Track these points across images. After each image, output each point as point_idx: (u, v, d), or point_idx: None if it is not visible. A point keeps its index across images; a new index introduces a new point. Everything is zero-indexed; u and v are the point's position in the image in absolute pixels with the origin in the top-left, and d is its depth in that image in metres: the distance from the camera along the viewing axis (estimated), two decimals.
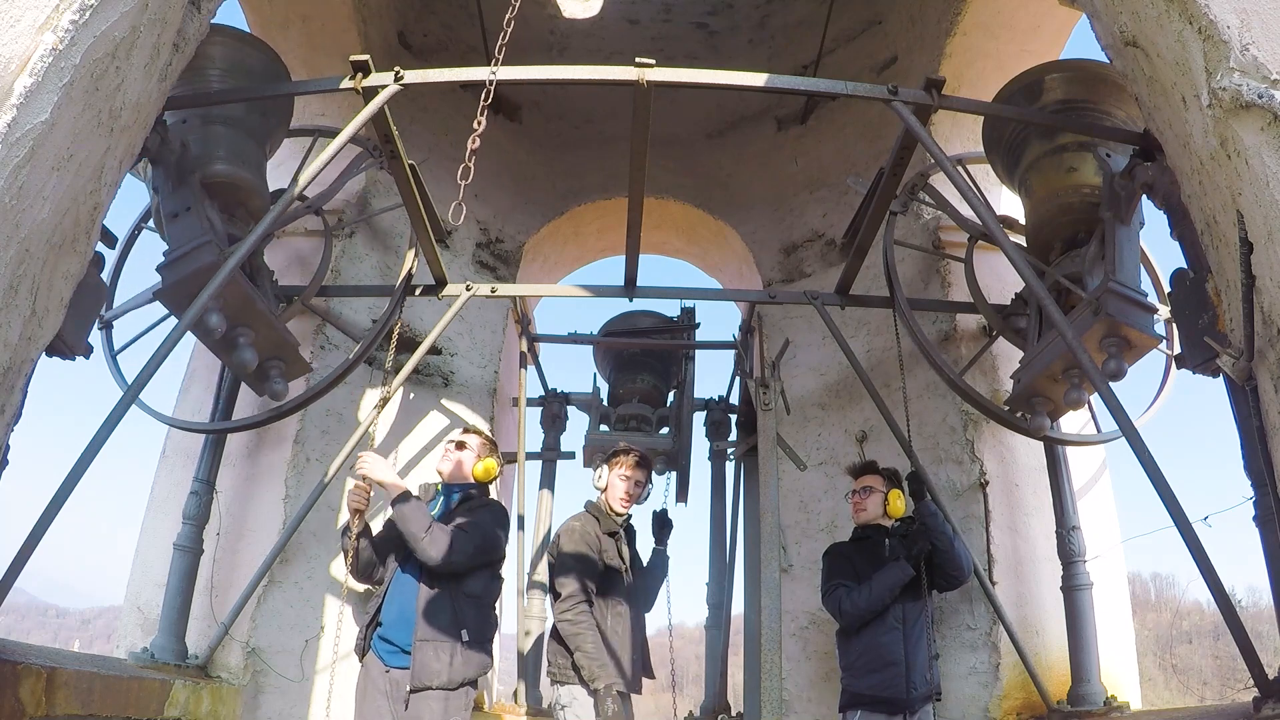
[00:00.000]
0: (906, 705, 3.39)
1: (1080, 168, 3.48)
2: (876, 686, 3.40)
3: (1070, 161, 3.52)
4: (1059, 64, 3.70)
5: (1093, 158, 3.35)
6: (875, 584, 3.49)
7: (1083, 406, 3.53)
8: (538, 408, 5.84)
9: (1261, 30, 1.60)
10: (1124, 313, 3.09)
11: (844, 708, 3.53)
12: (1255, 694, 2.06)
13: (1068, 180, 3.52)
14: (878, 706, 3.40)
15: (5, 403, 1.78)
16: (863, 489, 3.75)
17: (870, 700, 3.40)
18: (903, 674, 3.40)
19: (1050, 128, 3.55)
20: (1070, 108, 3.50)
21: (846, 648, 3.56)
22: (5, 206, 1.59)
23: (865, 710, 3.41)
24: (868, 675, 3.42)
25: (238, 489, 4.12)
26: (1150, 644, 32.39)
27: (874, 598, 3.46)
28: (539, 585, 5.25)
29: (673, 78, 3.16)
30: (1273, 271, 1.65)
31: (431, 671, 3.13)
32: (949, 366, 3.90)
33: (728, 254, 6.26)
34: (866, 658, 3.45)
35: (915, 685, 3.41)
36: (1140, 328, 3.12)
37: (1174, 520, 2.34)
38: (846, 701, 3.51)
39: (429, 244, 3.98)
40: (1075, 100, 3.50)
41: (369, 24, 4.93)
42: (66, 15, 1.65)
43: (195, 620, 3.71)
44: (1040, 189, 3.65)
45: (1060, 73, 3.57)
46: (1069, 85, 3.52)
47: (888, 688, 3.38)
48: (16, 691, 2.21)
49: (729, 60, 5.95)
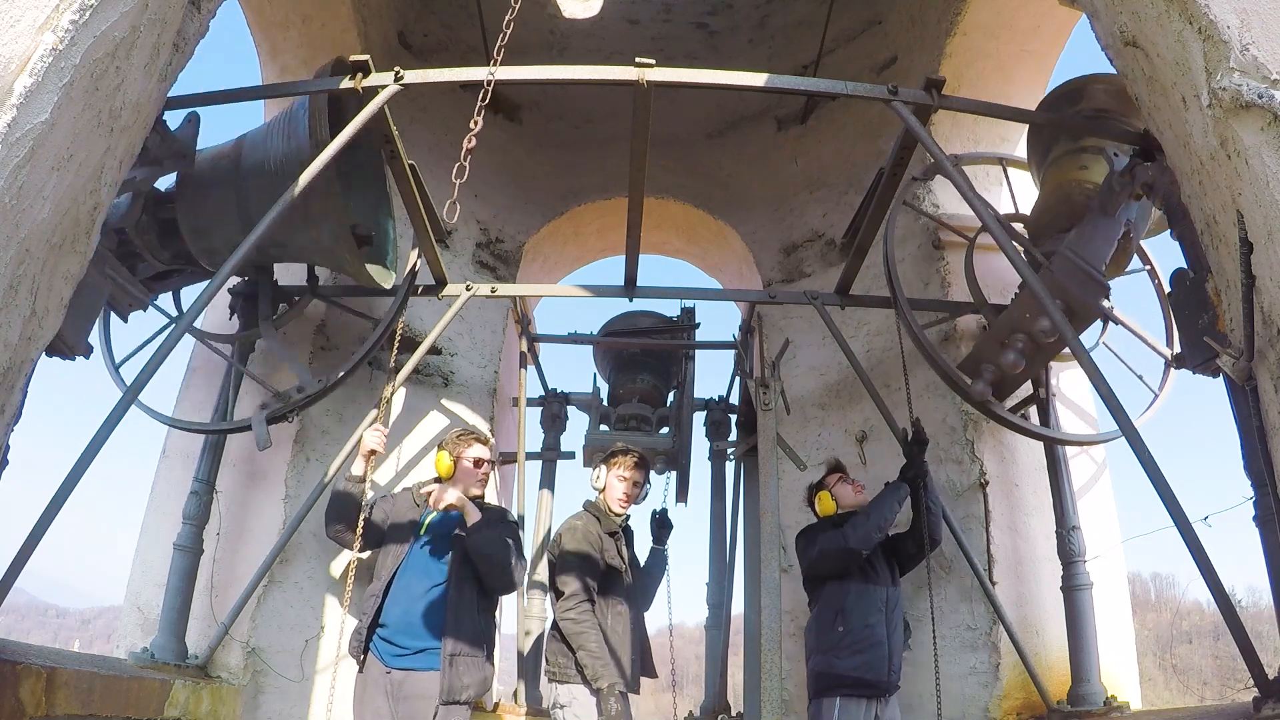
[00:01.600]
0: (885, 688, 3.42)
1: (1091, 167, 3.62)
2: (861, 667, 3.40)
3: (1084, 161, 3.67)
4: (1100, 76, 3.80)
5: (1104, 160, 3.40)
6: (872, 506, 3.60)
7: (1019, 371, 3.61)
8: (538, 408, 5.83)
9: (1261, 30, 1.60)
10: (1070, 275, 3.27)
11: (821, 692, 3.49)
12: (1255, 694, 2.06)
13: (1075, 175, 3.67)
14: (859, 689, 3.40)
15: (5, 403, 1.78)
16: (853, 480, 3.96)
17: (853, 682, 3.40)
18: (885, 656, 3.44)
19: (1076, 131, 3.69)
20: (1103, 116, 3.62)
21: (827, 629, 3.53)
22: (5, 206, 1.59)
23: (845, 695, 3.41)
24: (854, 655, 3.43)
25: (238, 489, 4.12)
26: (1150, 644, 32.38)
27: (874, 515, 3.54)
28: (539, 585, 5.25)
29: (673, 78, 3.16)
30: (1273, 271, 1.65)
31: (461, 685, 3.16)
32: (946, 363, 3.90)
33: (728, 254, 6.26)
34: (853, 637, 3.45)
35: (893, 669, 3.46)
36: (1081, 294, 3.28)
37: (1174, 520, 2.34)
38: (824, 685, 3.47)
39: (429, 244, 3.98)
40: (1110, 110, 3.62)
41: (369, 24, 4.93)
42: (66, 15, 1.65)
43: (195, 620, 3.71)
44: (1051, 181, 3.83)
45: (1102, 84, 3.70)
46: (1108, 95, 3.64)
47: (871, 669, 3.40)
48: (16, 691, 2.21)
49: (729, 60, 5.95)
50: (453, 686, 3.14)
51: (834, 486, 3.89)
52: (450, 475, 3.55)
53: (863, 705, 3.41)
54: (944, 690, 3.54)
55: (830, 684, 3.45)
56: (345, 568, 3.74)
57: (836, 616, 3.52)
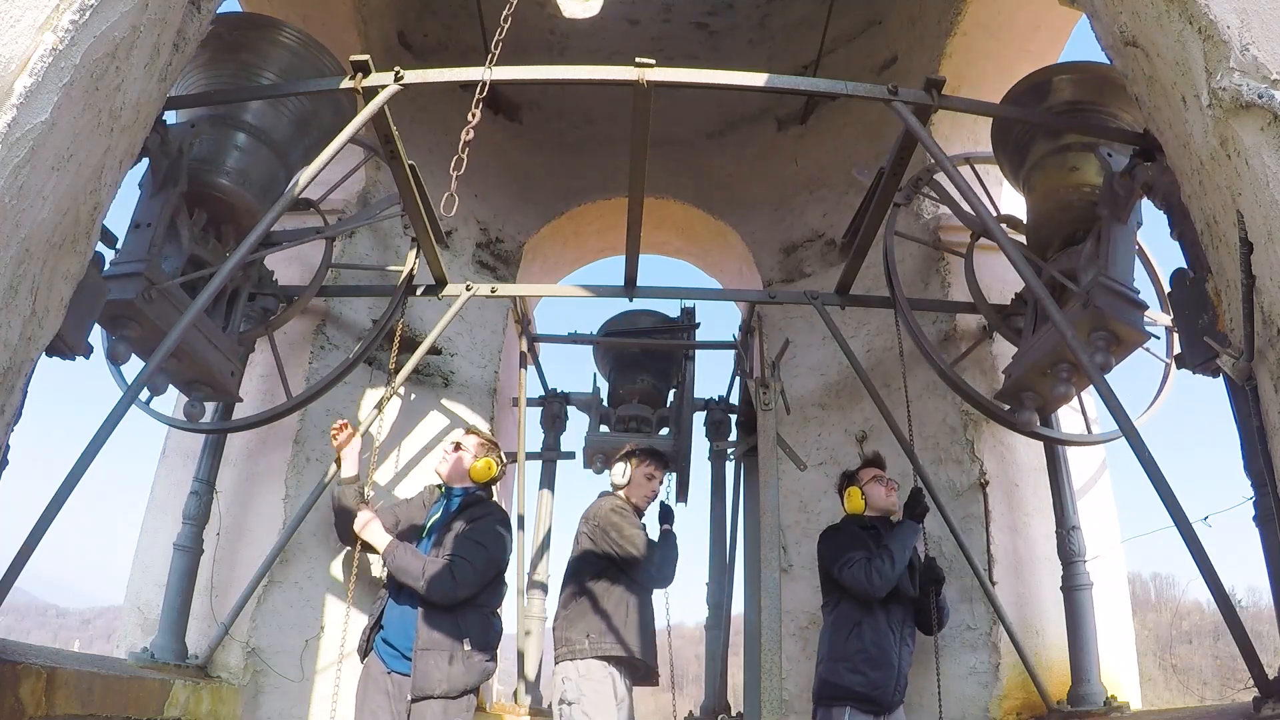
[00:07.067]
0: (889, 707, 3.42)
1: (1082, 167, 3.51)
2: (870, 684, 3.39)
3: (1073, 161, 3.55)
4: (1067, 65, 3.71)
5: (1095, 158, 3.37)
6: (894, 545, 3.51)
7: (1070, 400, 3.55)
8: (538, 408, 5.84)
9: (1261, 30, 1.60)
10: (1113, 307, 3.13)
11: (829, 700, 3.47)
12: (1255, 694, 2.06)
13: (1069, 179, 3.55)
14: (866, 705, 3.39)
15: (5, 403, 1.78)
16: (888, 480, 3.81)
17: (861, 697, 3.39)
18: (893, 676, 3.43)
19: (1055, 129, 3.57)
20: (1076, 109, 3.53)
21: (843, 639, 3.50)
22: (5, 206, 1.59)
23: (854, 707, 3.40)
24: (864, 672, 3.40)
25: (238, 489, 4.12)
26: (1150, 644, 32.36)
27: (898, 560, 3.47)
28: (539, 585, 5.25)
29: (673, 78, 3.16)
30: (1273, 271, 1.65)
31: (433, 680, 3.14)
32: (945, 363, 3.91)
33: (728, 254, 6.26)
34: (866, 654, 3.43)
35: (899, 689, 3.45)
36: (1128, 322, 3.16)
37: (1174, 520, 2.34)
38: (831, 694, 3.45)
39: (429, 244, 3.98)
40: (1082, 102, 3.53)
41: (369, 24, 4.93)
42: (66, 15, 1.65)
43: (195, 620, 3.71)
44: (1042, 187, 3.68)
45: (1068, 74, 3.59)
46: (1076, 87, 3.54)
47: (879, 687, 3.39)
48: (16, 691, 2.21)
49: (729, 60, 5.95)
50: (417, 682, 3.13)
51: (866, 484, 3.79)
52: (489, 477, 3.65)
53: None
54: (944, 690, 3.54)
55: (839, 694, 3.44)
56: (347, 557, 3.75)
57: (852, 630, 3.49)
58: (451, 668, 3.17)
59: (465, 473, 3.58)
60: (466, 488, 3.58)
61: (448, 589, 3.20)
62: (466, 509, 3.49)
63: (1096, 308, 3.12)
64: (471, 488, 3.58)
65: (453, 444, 3.68)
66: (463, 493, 3.57)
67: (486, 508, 3.53)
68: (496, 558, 3.39)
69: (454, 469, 3.59)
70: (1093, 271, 3.23)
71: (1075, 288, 3.32)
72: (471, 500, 3.54)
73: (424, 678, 3.14)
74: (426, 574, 3.20)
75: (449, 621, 3.23)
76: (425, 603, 3.23)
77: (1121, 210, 3.22)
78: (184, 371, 3.37)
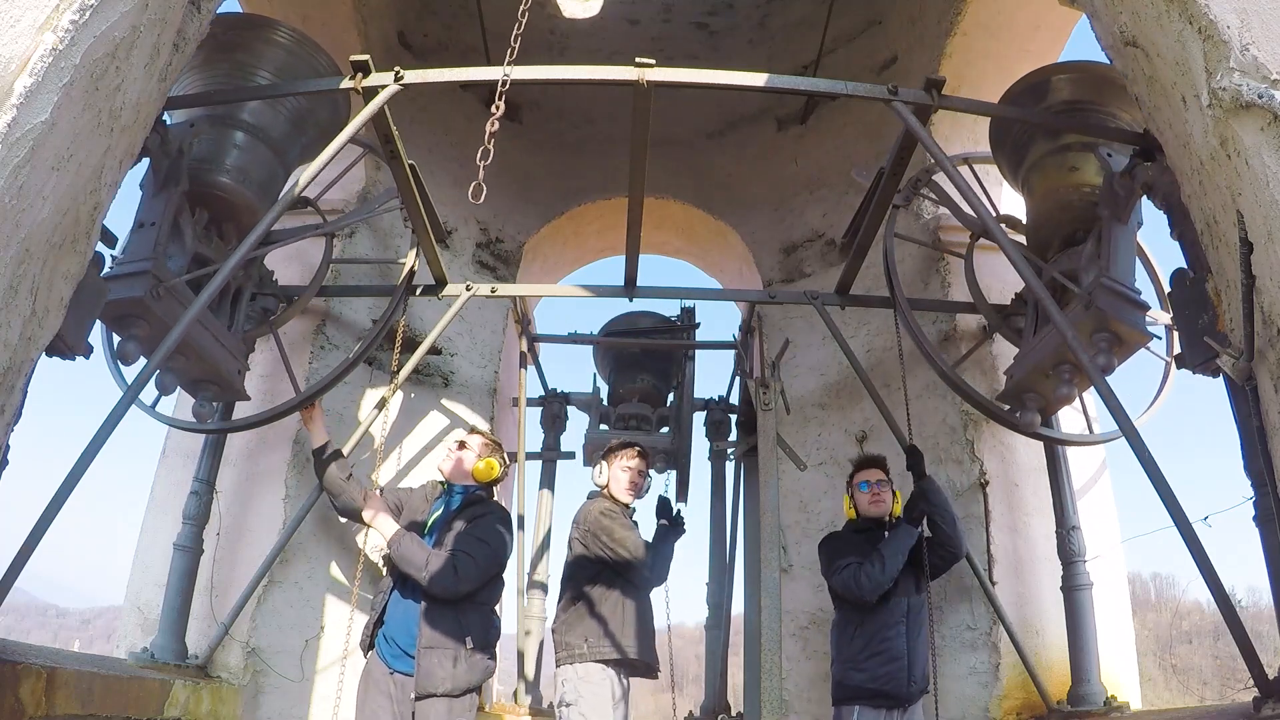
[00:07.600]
0: (905, 699, 3.40)
1: (1082, 167, 3.50)
2: (879, 679, 3.39)
3: (1072, 161, 3.54)
4: (1065, 65, 3.71)
5: (1094, 158, 3.36)
6: (886, 551, 3.50)
7: (1072, 401, 3.54)
8: (538, 408, 5.84)
9: (1261, 30, 1.60)
10: (1115, 308, 3.13)
11: (840, 701, 3.50)
12: (1255, 694, 2.06)
13: (1069, 179, 3.54)
14: (877, 700, 3.39)
15: (5, 403, 1.78)
16: (878, 482, 3.74)
17: (870, 694, 3.40)
18: (905, 668, 3.41)
19: (1054, 128, 3.56)
20: (1075, 109, 3.52)
21: (847, 640, 3.53)
22: (5, 206, 1.59)
23: (864, 705, 3.40)
24: (870, 668, 3.41)
25: (238, 489, 4.12)
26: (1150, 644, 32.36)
27: (889, 565, 3.46)
28: (539, 585, 5.25)
29: (673, 78, 3.16)
30: (1273, 271, 1.65)
31: (436, 679, 3.14)
32: (946, 363, 3.90)
33: (728, 254, 6.26)
34: (870, 650, 3.44)
35: (914, 680, 3.43)
36: (1130, 323, 3.15)
37: (1174, 520, 2.34)
38: (843, 694, 3.48)
39: (429, 244, 3.98)
40: (1081, 101, 3.52)
41: (369, 24, 4.93)
42: (66, 15, 1.65)
43: (195, 620, 3.71)
44: (1041, 187, 3.67)
45: (1066, 74, 3.58)
46: (1075, 86, 3.54)
47: (889, 681, 3.38)
48: (16, 691, 2.21)
49: (729, 60, 5.95)
50: (421, 681, 3.14)
51: (853, 489, 3.79)
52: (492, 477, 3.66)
53: (880, 715, 3.40)
54: (944, 690, 3.54)
55: (848, 694, 3.46)
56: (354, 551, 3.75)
57: (855, 629, 3.51)
58: (455, 668, 3.18)
59: (468, 472, 3.58)
60: (468, 486, 3.58)
61: (449, 583, 3.20)
62: (468, 507, 3.49)
63: (1099, 309, 3.11)
64: (473, 487, 3.58)
65: (457, 442, 3.67)
66: (464, 491, 3.57)
67: (488, 506, 3.54)
68: (498, 554, 3.40)
69: (457, 467, 3.59)
70: (1094, 272, 3.22)
71: (1077, 289, 3.32)
72: (473, 499, 3.54)
73: (427, 676, 3.14)
74: (429, 566, 3.21)
75: (451, 619, 3.23)
76: (428, 597, 3.24)
77: (1122, 210, 3.20)
78: (191, 370, 3.38)
